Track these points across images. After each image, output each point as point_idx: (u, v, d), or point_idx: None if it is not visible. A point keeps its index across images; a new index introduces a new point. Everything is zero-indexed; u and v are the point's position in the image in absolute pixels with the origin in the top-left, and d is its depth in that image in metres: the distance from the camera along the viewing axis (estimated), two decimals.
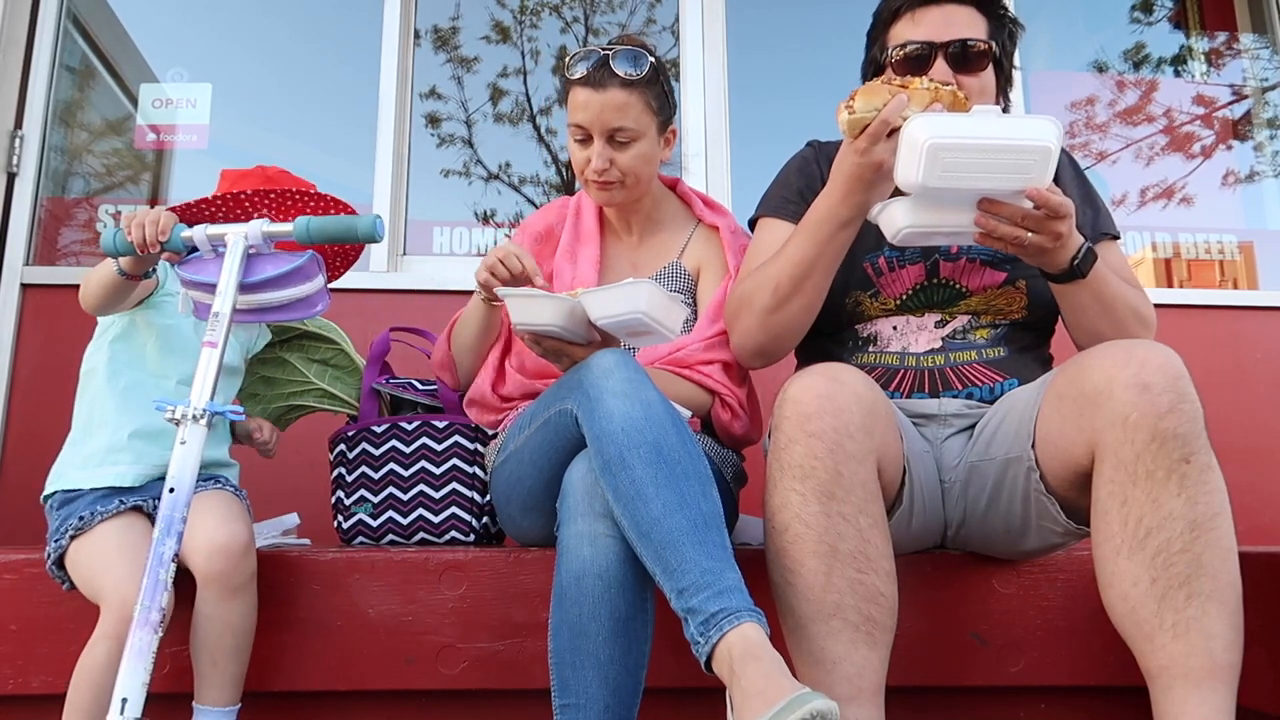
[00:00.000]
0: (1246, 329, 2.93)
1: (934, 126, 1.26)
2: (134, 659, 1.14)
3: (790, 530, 1.30)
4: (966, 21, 1.57)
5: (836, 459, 1.28)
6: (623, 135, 1.68)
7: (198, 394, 1.26)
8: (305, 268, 1.37)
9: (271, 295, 1.37)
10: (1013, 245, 1.36)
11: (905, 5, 1.59)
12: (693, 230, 1.85)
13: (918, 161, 1.26)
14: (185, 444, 1.23)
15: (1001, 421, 1.49)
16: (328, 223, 1.34)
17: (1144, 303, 1.54)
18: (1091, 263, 1.42)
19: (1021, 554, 1.57)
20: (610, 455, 1.28)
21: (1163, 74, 3.45)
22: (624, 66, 1.65)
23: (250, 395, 1.91)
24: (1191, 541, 1.21)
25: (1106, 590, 1.28)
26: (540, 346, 1.50)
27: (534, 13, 3.34)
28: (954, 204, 1.34)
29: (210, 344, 1.29)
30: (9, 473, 2.58)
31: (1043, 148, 1.27)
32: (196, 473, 1.23)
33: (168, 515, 1.20)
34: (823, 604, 1.27)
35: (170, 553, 1.18)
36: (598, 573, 1.28)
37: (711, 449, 1.68)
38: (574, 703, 1.27)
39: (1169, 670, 1.22)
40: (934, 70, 1.54)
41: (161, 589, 1.17)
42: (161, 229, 1.38)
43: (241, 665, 1.47)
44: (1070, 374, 1.34)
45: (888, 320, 1.63)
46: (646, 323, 1.38)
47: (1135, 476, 1.23)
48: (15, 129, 2.75)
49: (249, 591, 1.48)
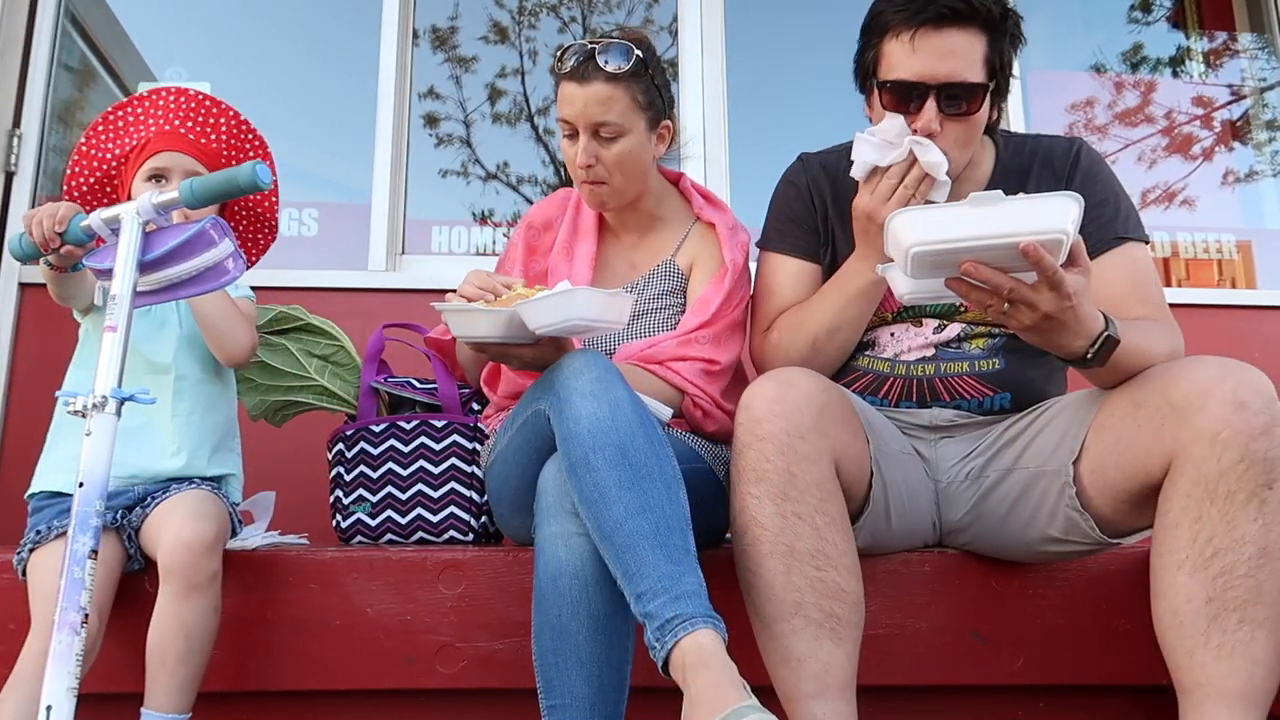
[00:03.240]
0: (1245, 328, 2.93)
1: (916, 230, 1.17)
2: (56, 663, 1.07)
3: (749, 533, 1.32)
4: (966, 50, 1.44)
5: (788, 460, 1.29)
6: (607, 130, 1.63)
7: (101, 382, 1.19)
8: (203, 234, 1.27)
9: (176, 269, 1.29)
10: (1008, 319, 1.24)
11: (902, 21, 1.45)
12: (690, 227, 1.83)
13: (903, 261, 1.19)
14: (91, 435, 1.16)
15: (1038, 434, 1.47)
16: (209, 180, 1.26)
17: (1168, 336, 1.42)
18: (1110, 352, 1.28)
19: (1039, 557, 1.56)
20: (576, 457, 1.28)
21: (1161, 74, 3.45)
22: (609, 60, 1.61)
23: (246, 381, 1.90)
24: (1257, 568, 1.20)
25: (1158, 600, 1.27)
26: (485, 353, 1.49)
27: (532, 13, 3.34)
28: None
29: (111, 328, 1.21)
30: (7, 472, 2.57)
31: (1050, 240, 1.14)
32: (109, 464, 1.17)
33: (81, 511, 1.13)
34: (784, 603, 1.30)
35: (84, 550, 1.12)
36: (573, 573, 1.28)
37: (702, 447, 1.66)
38: (561, 703, 1.28)
39: (1204, 687, 1.21)
40: (923, 112, 1.44)
41: (79, 588, 1.10)
42: (58, 220, 1.32)
43: (193, 671, 1.41)
44: (1153, 383, 1.31)
45: (886, 328, 1.62)
46: (586, 325, 1.35)
47: (1214, 495, 1.21)
48: (13, 128, 2.74)
49: (210, 592, 1.43)
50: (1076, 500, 1.40)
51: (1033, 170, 1.60)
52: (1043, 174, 1.59)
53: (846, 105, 2.78)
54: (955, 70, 1.44)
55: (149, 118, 1.69)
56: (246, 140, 1.74)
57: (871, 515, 1.45)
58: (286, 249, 2.84)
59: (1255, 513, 1.20)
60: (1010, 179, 1.58)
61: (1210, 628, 1.21)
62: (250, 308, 1.76)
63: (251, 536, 1.72)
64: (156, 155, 1.63)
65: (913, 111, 1.46)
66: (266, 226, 1.81)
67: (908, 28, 1.45)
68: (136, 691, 1.41)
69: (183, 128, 1.68)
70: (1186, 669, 1.23)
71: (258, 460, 1.86)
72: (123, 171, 1.67)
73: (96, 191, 1.69)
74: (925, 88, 1.44)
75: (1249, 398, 1.21)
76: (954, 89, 1.44)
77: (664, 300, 1.77)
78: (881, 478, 1.44)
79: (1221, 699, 1.20)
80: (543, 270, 1.80)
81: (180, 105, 1.69)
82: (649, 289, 1.77)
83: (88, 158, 1.68)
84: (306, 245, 2.95)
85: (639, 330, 1.75)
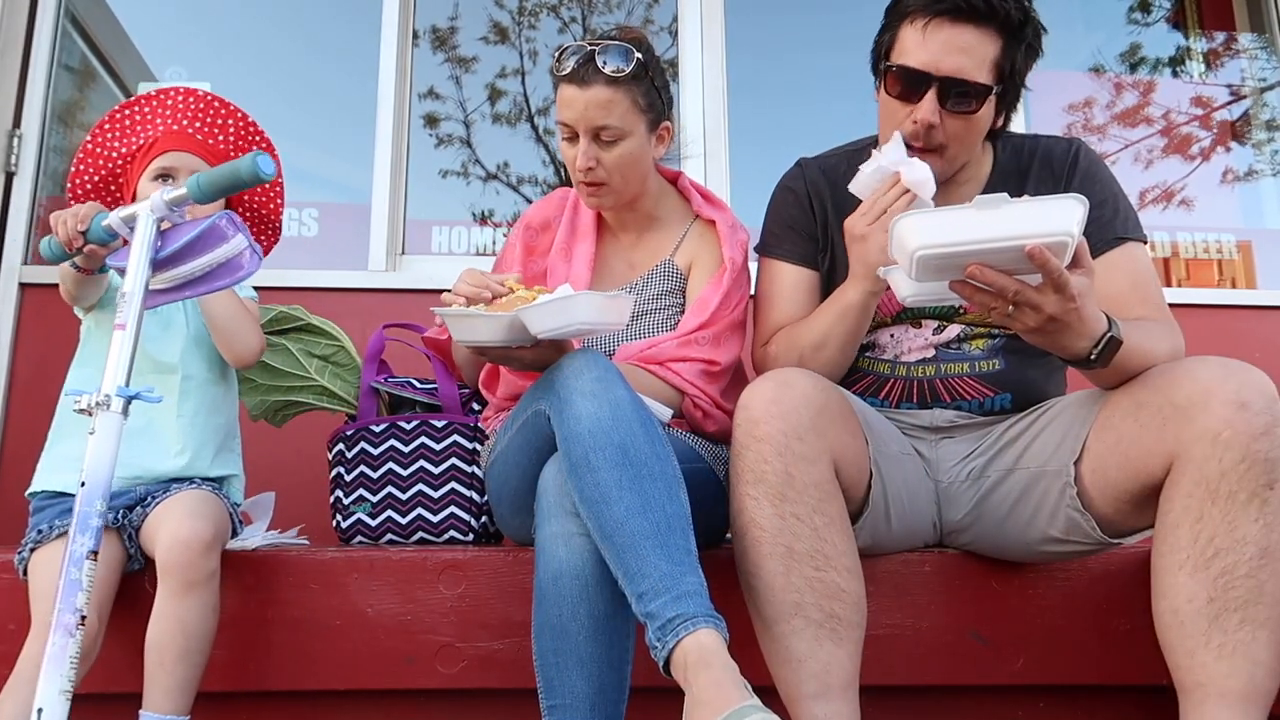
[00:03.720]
0: (1245, 328, 2.93)
1: (922, 233, 1.16)
2: (50, 665, 1.05)
3: (748, 534, 1.33)
4: (977, 49, 1.43)
5: (786, 461, 1.29)
6: (608, 134, 1.61)
7: (109, 381, 1.16)
8: (216, 228, 1.26)
9: (190, 265, 1.27)
10: (1012, 321, 1.24)
11: (922, 8, 1.45)
12: (689, 226, 1.82)
13: (908, 264, 1.18)
14: (96, 434, 1.14)
15: (1039, 434, 1.47)
16: (215, 174, 1.25)
17: (1169, 336, 1.42)
18: (1113, 353, 1.28)
19: (1039, 557, 1.56)
20: (576, 457, 1.28)
21: (1161, 74, 3.45)
22: (609, 63, 1.59)
23: (247, 381, 1.90)
24: (1258, 568, 1.20)
25: (1158, 600, 1.27)
26: (486, 356, 1.49)
27: (532, 13, 3.34)
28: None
29: (120, 326, 1.20)
30: (8, 472, 2.58)
31: (1055, 242, 1.14)
32: (113, 464, 1.14)
33: (82, 511, 1.11)
34: (783, 604, 1.30)
35: (83, 550, 1.10)
36: (574, 573, 1.28)
37: (702, 447, 1.66)
38: (561, 703, 1.28)
39: (1205, 687, 1.21)
40: (923, 101, 1.44)
41: (75, 589, 1.08)
42: (80, 219, 1.32)
43: (191, 670, 1.40)
44: (1155, 383, 1.31)
45: (885, 330, 1.62)
46: (587, 329, 1.36)
47: (1215, 495, 1.21)
48: (13, 128, 2.74)
49: (208, 591, 1.42)
50: (1078, 500, 1.40)
51: (1031, 171, 1.59)
52: (1042, 175, 1.58)
53: (847, 105, 2.77)
54: (962, 67, 1.42)
55: (157, 117, 1.69)
56: (254, 141, 1.74)
57: (871, 516, 1.45)
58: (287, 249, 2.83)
59: (1256, 513, 1.20)
60: (1009, 180, 1.58)
61: (1211, 628, 1.21)
62: (255, 309, 1.76)
63: (252, 537, 1.73)
64: (164, 154, 1.64)
65: (914, 100, 1.45)
66: (270, 228, 1.81)
67: (924, 15, 1.44)
68: (137, 691, 1.41)
69: (190, 128, 1.69)
70: (1187, 669, 1.23)
71: (258, 460, 1.86)
72: (128, 171, 1.68)
73: (100, 190, 1.70)
74: (929, 78, 1.43)
75: (1251, 398, 1.21)
76: (957, 85, 1.43)
77: (663, 300, 1.77)
78: (881, 478, 1.44)
79: (1222, 699, 1.20)
80: (541, 270, 1.79)
81: (188, 105, 1.70)
82: (648, 289, 1.77)
83: (93, 155, 1.68)
84: (307, 245, 2.95)
85: (638, 330, 1.74)
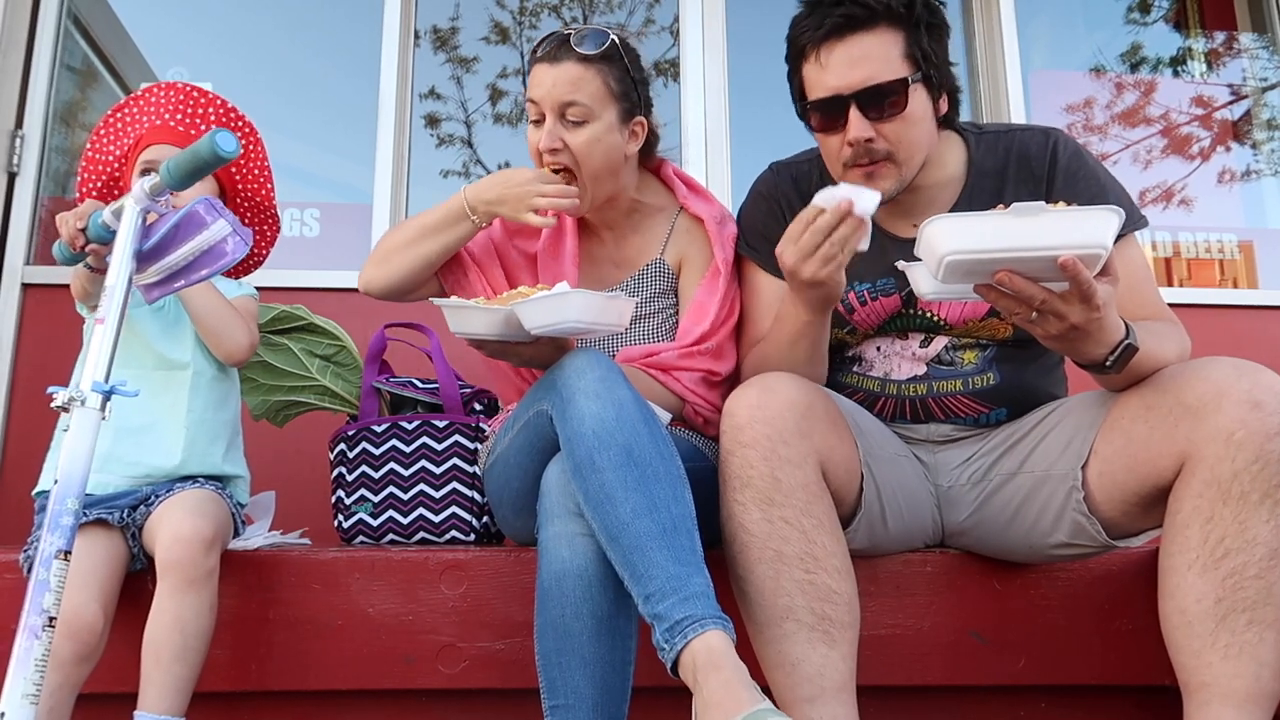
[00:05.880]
0: (1247, 328, 2.94)
1: (954, 238, 1.13)
2: (16, 669, 1.01)
3: (737, 539, 1.32)
4: (878, 53, 1.41)
5: (772, 465, 1.29)
6: (574, 113, 1.57)
7: (86, 376, 1.13)
8: (194, 215, 1.23)
9: (173, 256, 1.25)
10: (1034, 327, 1.22)
11: (809, 41, 1.44)
12: (675, 219, 1.76)
13: (936, 266, 1.16)
14: (70, 431, 1.09)
15: (1044, 437, 1.46)
16: (182, 157, 1.22)
17: (1176, 337, 1.40)
18: (1129, 359, 1.27)
19: (1042, 559, 1.55)
20: (581, 457, 1.27)
21: (1162, 74, 3.45)
22: (582, 43, 1.58)
23: (249, 380, 1.90)
24: (1267, 569, 1.20)
25: (1166, 600, 1.27)
26: (484, 350, 1.48)
27: (533, 13, 3.34)
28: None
29: (100, 320, 1.18)
30: (9, 473, 2.58)
31: (1089, 254, 1.12)
32: (89, 462, 1.10)
33: (54, 510, 1.08)
34: (775, 608, 1.30)
35: (53, 550, 1.06)
36: (577, 573, 1.28)
37: (706, 445, 1.65)
38: (564, 703, 1.27)
39: (1210, 688, 1.21)
40: (850, 122, 1.41)
41: (44, 590, 1.04)
42: (79, 216, 1.32)
43: (188, 670, 1.38)
44: (1165, 384, 1.30)
45: (871, 342, 1.59)
46: (583, 327, 1.34)
47: (1227, 495, 1.20)
48: (16, 129, 2.75)
49: (206, 590, 1.42)
50: (1084, 504, 1.39)
51: (1009, 171, 1.53)
52: (1020, 175, 1.52)
53: None
54: (870, 74, 1.40)
55: (143, 115, 1.71)
56: (233, 126, 1.75)
57: (866, 517, 1.44)
58: (289, 249, 2.85)
59: (1268, 514, 1.19)
60: (985, 181, 1.53)
61: (1219, 628, 1.20)
62: (252, 305, 1.76)
63: (253, 537, 1.73)
64: (148, 149, 1.67)
65: (841, 126, 1.42)
66: (268, 217, 1.82)
67: (814, 46, 1.43)
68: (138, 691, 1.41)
69: (172, 120, 1.71)
70: (1193, 669, 1.23)
71: (259, 460, 1.86)
72: (125, 171, 1.70)
73: (105, 194, 1.72)
74: (843, 99, 1.41)
75: (1264, 398, 1.20)
76: (871, 92, 1.40)
77: (658, 303, 1.73)
78: (873, 480, 1.43)
79: (1228, 700, 1.20)
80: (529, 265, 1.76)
81: (169, 99, 1.72)
82: (641, 291, 1.73)
83: (94, 162, 1.72)
84: (308, 245, 2.95)
85: (636, 335, 1.72)
